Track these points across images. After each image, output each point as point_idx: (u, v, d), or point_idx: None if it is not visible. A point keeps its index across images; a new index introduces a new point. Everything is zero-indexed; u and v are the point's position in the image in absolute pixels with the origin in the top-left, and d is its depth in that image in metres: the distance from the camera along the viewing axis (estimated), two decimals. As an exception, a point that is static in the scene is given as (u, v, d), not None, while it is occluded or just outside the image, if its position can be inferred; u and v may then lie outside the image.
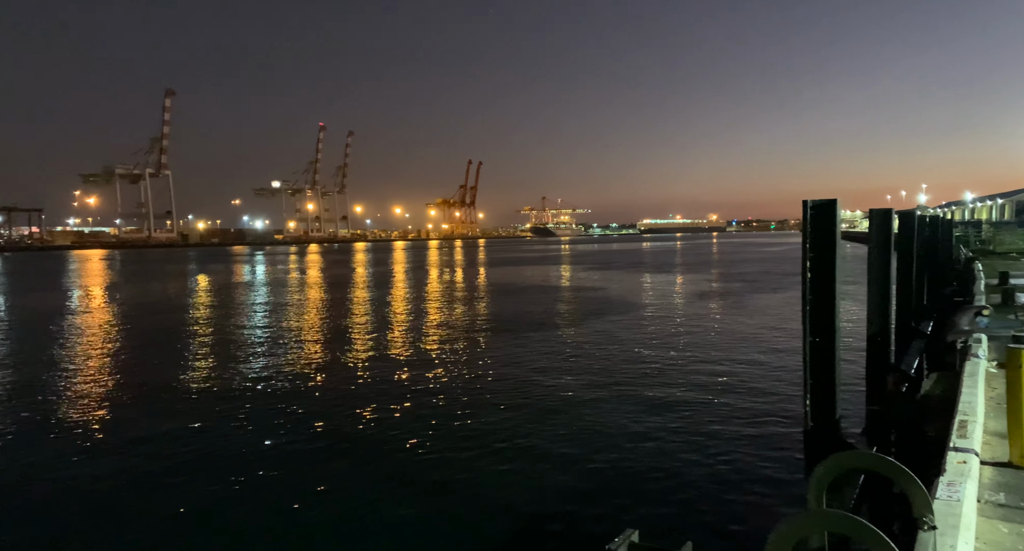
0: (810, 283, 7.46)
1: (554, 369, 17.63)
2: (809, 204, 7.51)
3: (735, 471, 9.97)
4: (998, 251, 37.84)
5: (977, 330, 10.90)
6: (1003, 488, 4.72)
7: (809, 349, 7.46)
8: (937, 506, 4.04)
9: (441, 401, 14.56)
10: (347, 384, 16.39)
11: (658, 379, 16.22)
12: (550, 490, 9.47)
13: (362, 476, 10.24)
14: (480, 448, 11.28)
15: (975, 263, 27.08)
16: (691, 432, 11.87)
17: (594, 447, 11.19)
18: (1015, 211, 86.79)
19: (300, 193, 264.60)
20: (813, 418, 7.53)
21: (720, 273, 55.32)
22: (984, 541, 3.95)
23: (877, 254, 11.74)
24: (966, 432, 5.70)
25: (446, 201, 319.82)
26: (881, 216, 12.23)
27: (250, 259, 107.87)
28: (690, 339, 22.11)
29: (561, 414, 13.28)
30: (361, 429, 12.63)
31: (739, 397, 14.28)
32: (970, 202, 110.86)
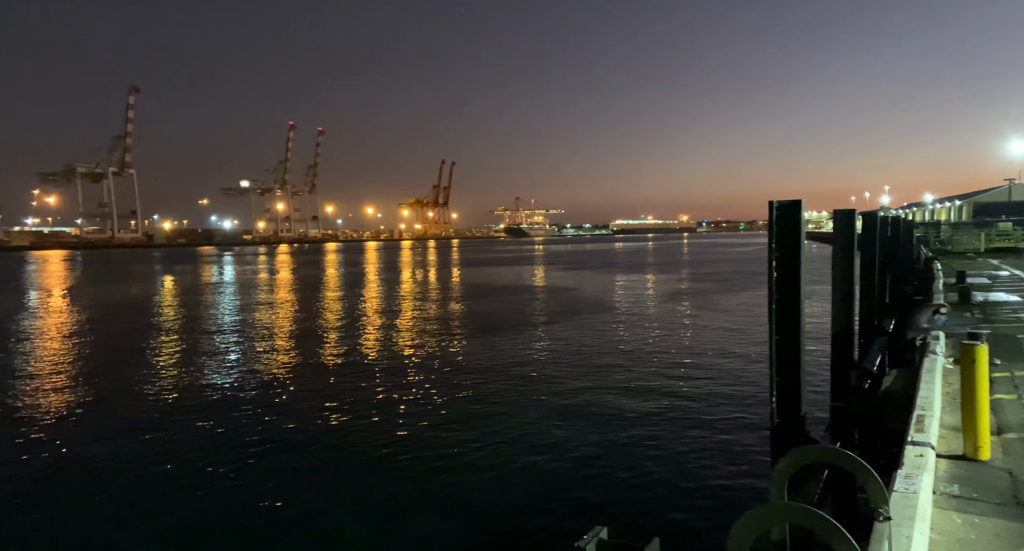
0: (776, 282, 7.62)
1: (526, 369, 17.67)
2: (775, 205, 7.66)
3: (703, 467, 10.12)
4: (956, 251, 39.06)
5: (935, 328, 11.22)
6: (957, 480, 4.88)
7: (775, 347, 7.61)
8: (895, 498, 4.16)
9: (413, 402, 14.49)
10: (317, 387, 16.20)
11: (629, 378, 16.38)
12: (521, 489, 9.50)
13: (333, 478, 10.13)
14: (450, 449, 11.26)
15: (934, 263, 27.90)
16: (661, 430, 12.01)
17: (564, 446, 11.26)
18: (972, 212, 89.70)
19: (270, 193, 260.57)
20: (779, 414, 7.68)
21: (691, 273, 56.06)
22: (939, 532, 4.08)
23: (841, 254, 12.03)
24: (923, 426, 5.87)
25: (419, 201, 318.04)
26: (845, 217, 12.53)
27: (218, 260, 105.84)
28: (661, 339, 22.36)
29: (532, 414, 13.32)
30: (332, 431, 12.49)
31: (708, 395, 14.50)
32: (930, 203, 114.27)
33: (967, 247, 39.88)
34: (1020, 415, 6.45)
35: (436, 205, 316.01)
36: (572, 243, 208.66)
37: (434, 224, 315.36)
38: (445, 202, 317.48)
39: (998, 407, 6.75)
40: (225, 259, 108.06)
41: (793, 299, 7.54)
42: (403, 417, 13.31)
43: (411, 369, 18.11)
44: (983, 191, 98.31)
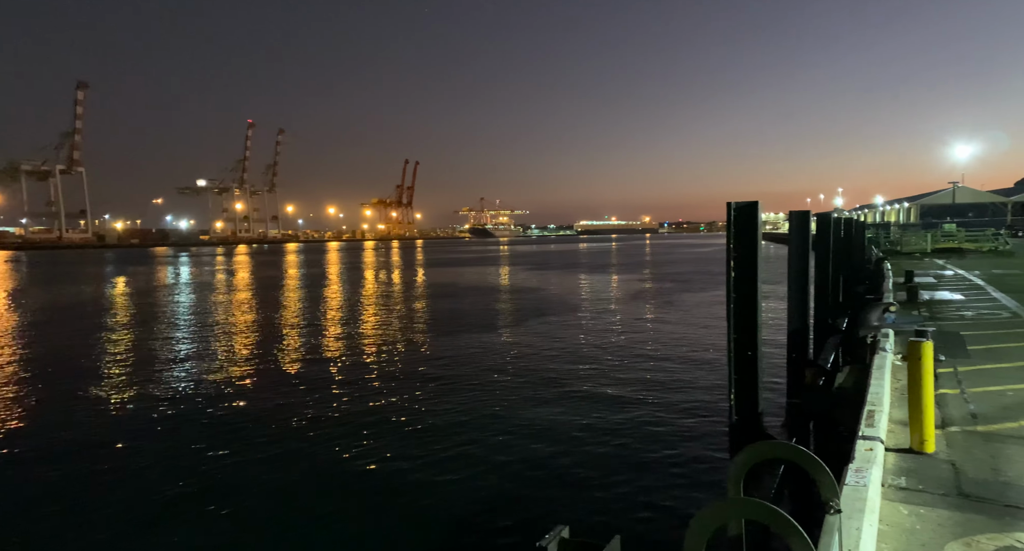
0: (734, 282, 7.78)
1: (489, 370, 17.66)
2: (733, 206, 7.82)
3: (664, 465, 10.28)
4: (905, 251, 40.58)
5: (885, 326, 11.62)
6: (904, 472, 5.06)
7: (733, 345, 7.77)
8: (846, 491, 4.30)
9: (374, 403, 14.33)
10: (276, 392, 15.87)
11: (591, 378, 16.52)
12: (483, 490, 9.49)
13: (293, 486, 9.94)
14: (412, 450, 11.18)
15: (884, 263, 28.93)
16: (622, 429, 12.15)
17: (526, 446, 11.29)
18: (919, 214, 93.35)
19: (228, 192, 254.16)
20: (737, 412, 7.84)
21: (653, 273, 56.87)
22: (887, 523, 4.22)
23: (796, 254, 12.36)
24: (873, 421, 6.08)
25: (382, 201, 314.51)
26: (799, 218, 12.88)
27: (174, 261, 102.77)
28: (623, 338, 22.62)
29: (493, 414, 13.31)
30: (292, 438, 12.25)
31: (669, 393, 14.73)
32: (880, 205, 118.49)
33: (915, 247, 41.46)
34: (962, 409, 6.73)
35: (400, 205, 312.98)
36: (537, 244, 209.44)
37: (398, 224, 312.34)
38: (409, 202, 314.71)
39: (943, 402, 7.03)
40: (181, 260, 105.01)
41: (750, 298, 7.72)
42: (364, 421, 13.15)
43: (373, 372, 17.90)
44: (929, 194, 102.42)
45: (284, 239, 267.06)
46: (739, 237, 7.75)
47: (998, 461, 5.23)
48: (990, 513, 4.28)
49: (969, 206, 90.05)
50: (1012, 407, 6.72)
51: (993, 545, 3.86)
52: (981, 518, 4.21)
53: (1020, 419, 6.30)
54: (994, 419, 6.34)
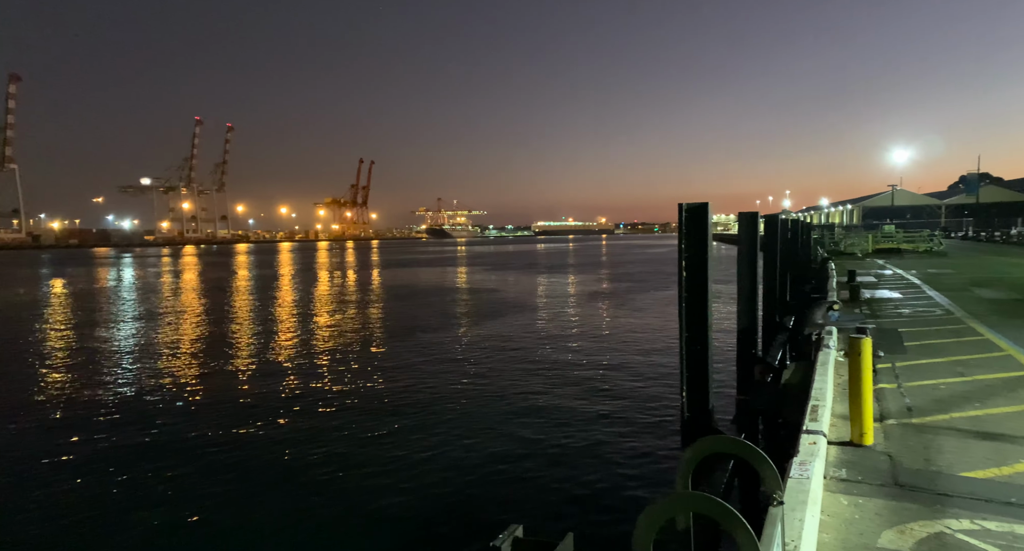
0: (685, 282, 7.93)
1: (446, 372, 17.57)
2: (684, 207, 7.98)
3: (617, 463, 10.42)
4: (848, 252, 42.22)
5: (829, 323, 12.06)
6: (845, 465, 5.26)
7: (685, 344, 7.93)
8: (790, 484, 4.43)
9: (328, 408, 14.07)
10: (226, 395, 15.42)
11: (546, 378, 16.62)
12: (437, 491, 9.44)
13: (247, 494, 9.67)
14: (367, 453, 11.04)
15: (829, 263, 30.00)
16: (577, 428, 12.27)
17: (482, 447, 11.29)
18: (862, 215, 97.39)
19: (174, 191, 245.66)
20: (688, 409, 8.00)
21: (609, 274, 57.62)
22: (828, 513, 4.38)
23: (745, 254, 12.69)
24: (817, 416, 6.29)
25: (336, 201, 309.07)
26: (748, 219, 13.23)
27: (116, 262, 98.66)
28: (579, 338, 22.84)
29: (449, 416, 13.26)
30: (243, 445, 11.92)
31: (623, 392, 14.94)
32: (826, 207, 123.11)
33: (857, 248, 43.18)
34: (899, 403, 7.03)
35: (354, 205, 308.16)
36: (495, 244, 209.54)
37: (352, 224, 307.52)
38: (364, 202, 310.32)
39: (881, 396, 7.33)
40: (124, 261, 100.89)
41: (701, 298, 7.88)
42: (318, 423, 12.90)
43: (326, 375, 17.58)
44: (871, 196, 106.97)
45: (234, 239, 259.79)
46: (690, 237, 7.90)
47: (930, 452, 5.48)
48: (923, 501, 4.49)
49: (907, 208, 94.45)
50: (944, 400, 7.06)
51: (925, 532, 4.04)
52: (915, 506, 4.41)
53: (951, 411, 6.63)
54: (927, 412, 6.65)
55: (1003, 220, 75.35)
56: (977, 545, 3.86)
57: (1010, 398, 7.05)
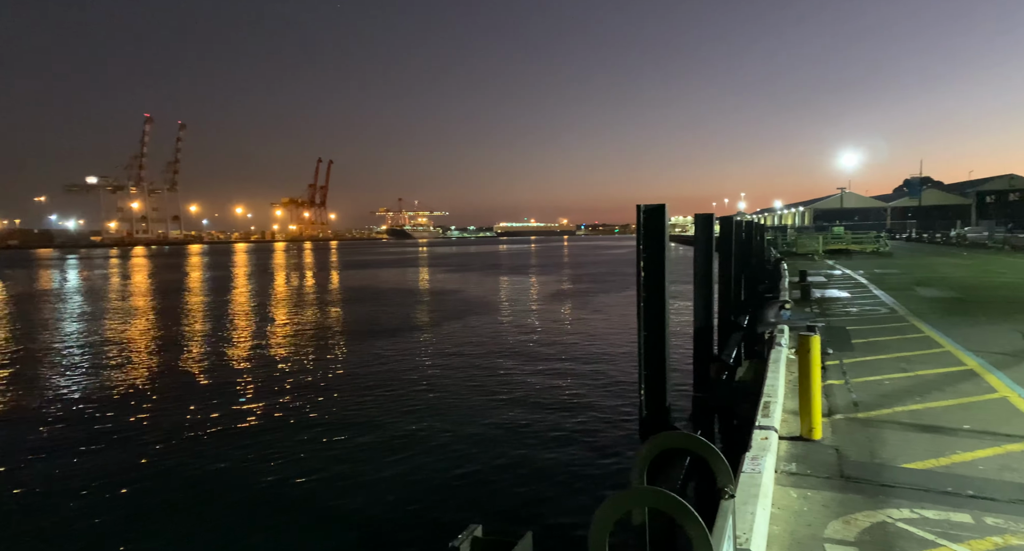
0: (644, 282, 8.07)
1: (404, 374, 17.44)
2: (642, 208, 8.11)
3: (577, 461, 10.51)
4: (800, 252, 43.58)
5: (781, 322, 12.42)
6: (795, 459, 5.44)
7: (643, 343, 8.06)
8: (742, 478, 4.56)
9: (281, 413, 13.80)
10: (178, 400, 14.96)
11: (507, 378, 16.66)
12: (397, 493, 9.37)
13: (198, 505, 9.40)
14: (325, 456, 10.87)
15: (782, 263, 30.92)
16: (537, 427, 12.33)
17: (441, 448, 11.24)
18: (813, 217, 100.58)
19: (123, 190, 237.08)
20: (647, 406, 8.13)
21: (570, 274, 58.05)
22: (779, 506, 4.52)
23: (701, 255, 12.97)
24: (768, 411, 6.49)
25: (293, 200, 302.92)
26: (704, 221, 13.54)
27: (59, 263, 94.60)
28: (540, 339, 22.96)
29: (408, 418, 13.16)
30: (194, 451, 11.59)
31: (583, 391, 15.09)
32: (779, 209, 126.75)
33: (809, 249, 44.62)
34: (846, 398, 7.30)
35: (312, 205, 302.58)
36: (457, 245, 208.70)
37: (311, 225, 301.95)
38: (322, 202, 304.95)
39: (830, 392, 7.60)
40: (68, 263, 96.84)
41: (659, 297, 8.02)
42: (274, 426, 12.64)
43: (281, 380, 17.23)
44: (821, 198, 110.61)
45: (187, 240, 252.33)
46: (648, 238, 8.04)
47: (874, 444, 5.71)
48: (866, 492, 4.67)
49: (856, 210, 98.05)
50: (888, 395, 7.36)
51: (868, 521, 4.21)
52: (859, 497, 4.59)
53: (894, 406, 6.92)
54: (872, 406, 6.92)
55: (943, 222, 79.00)
56: (915, 532, 4.04)
57: (948, 392, 7.39)
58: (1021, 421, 6.28)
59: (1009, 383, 7.69)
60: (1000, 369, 8.42)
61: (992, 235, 53.41)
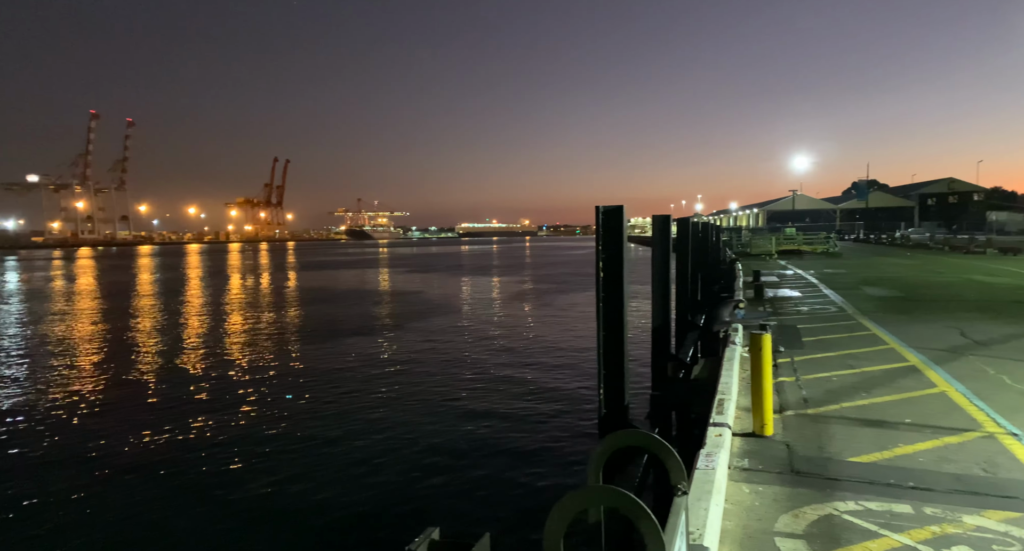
0: (603, 282, 8.15)
1: (364, 376, 17.22)
2: (601, 209, 8.19)
3: (537, 461, 10.56)
4: (754, 253, 44.73)
5: (735, 321, 12.73)
6: (747, 455, 5.57)
7: (602, 342, 8.15)
8: (697, 475, 4.65)
9: (236, 416, 13.46)
10: (128, 404, 14.43)
11: (467, 379, 16.63)
12: (353, 497, 9.25)
13: (150, 499, 9.09)
14: (278, 460, 10.65)
15: (736, 264, 31.68)
16: (498, 428, 12.34)
17: (399, 451, 11.15)
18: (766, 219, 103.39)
19: (67, 189, 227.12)
20: (606, 405, 8.21)
21: (532, 275, 58.28)
22: (731, 502, 4.62)
23: (659, 255, 13.19)
24: (722, 409, 6.63)
25: (249, 200, 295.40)
26: (661, 222, 13.76)
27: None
28: (502, 339, 22.98)
29: (365, 420, 13.02)
30: (146, 456, 11.20)
31: (543, 391, 15.16)
32: (734, 211, 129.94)
33: (762, 249, 45.83)
34: (797, 395, 7.52)
35: (269, 205, 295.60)
36: (418, 246, 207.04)
37: (267, 225, 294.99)
38: (279, 202, 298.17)
39: (781, 389, 7.82)
40: (7, 264, 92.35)
41: (617, 298, 8.11)
42: (228, 429, 12.31)
43: (233, 384, 16.81)
44: (775, 200, 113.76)
45: (136, 241, 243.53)
46: (606, 239, 8.11)
47: (823, 439, 5.90)
48: (815, 486, 4.82)
49: (807, 212, 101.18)
50: (835, 391, 7.62)
51: (816, 514, 4.35)
52: (808, 491, 4.73)
53: (841, 402, 7.16)
54: (821, 402, 7.15)
55: (889, 223, 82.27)
56: (859, 524, 4.19)
57: (891, 387, 7.69)
58: (958, 414, 6.58)
59: (947, 378, 8.05)
60: (939, 365, 8.81)
61: (933, 236, 55.90)
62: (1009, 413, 6.54)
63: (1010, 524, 4.14)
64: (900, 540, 3.95)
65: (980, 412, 6.61)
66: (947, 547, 3.86)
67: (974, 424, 6.24)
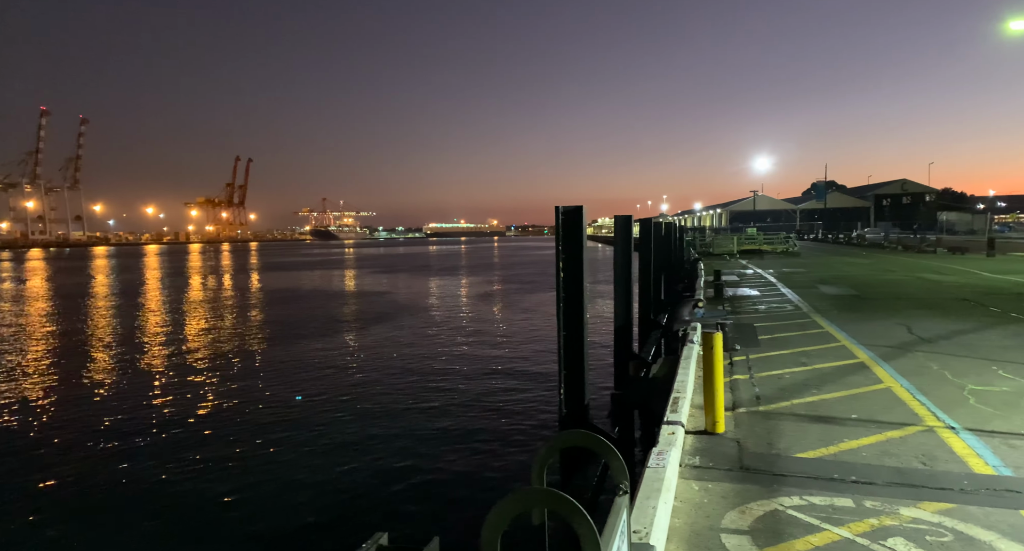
0: (563, 282, 8.18)
1: (323, 378, 16.98)
2: (560, 210, 8.22)
3: (494, 464, 10.53)
4: (716, 253, 45.58)
5: (694, 320, 12.92)
6: (699, 452, 5.66)
7: (562, 342, 8.18)
8: (647, 473, 4.70)
9: (187, 420, 13.12)
10: (84, 409, 13.94)
11: (431, 380, 16.53)
12: (303, 501, 9.14)
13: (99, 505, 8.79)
14: (225, 466, 10.44)
15: (699, 263, 32.20)
16: (457, 430, 12.30)
17: (357, 453, 11.04)
18: (730, 219, 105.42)
19: (15, 188, 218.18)
20: (566, 405, 8.25)
21: (499, 275, 58.29)
22: (681, 499, 4.69)
23: (621, 255, 13.31)
24: (677, 407, 6.72)
25: (210, 200, 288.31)
26: (623, 222, 13.90)
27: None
28: (466, 339, 22.91)
29: (324, 422, 12.86)
30: (100, 461, 10.84)
31: (504, 391, 15.17)
32: (699, 211, 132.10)
33: (724, 249, 46.74)
34: (750, 392, 7.67)
35: (231, 205, 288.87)
36: (385, 246, 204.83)
37: (229, 225, 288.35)
38: (241, 202, 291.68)
39: (735, 386, 7.96)
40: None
41: (577, 298, 8.15)
42: (177, 433, 11.99)
43: (187, 388, 16.39)
44: (737, 201, 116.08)
45: (91, 242, 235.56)
46: (566, 239, 8.16)
47: (772, 436, 6.03)
48: (762, 482, 4.92)
49: (768, 212, 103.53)
50: (787, 388, 7.79)
51: (762, 510, 4.43)
52: (756, 488, 4.83)
53: (792, 398, 7.33)
54: (773, 399, 7.30)
55: (847, 223, 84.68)
56: (803, 519, 4.29)
57: (840, 384, 7.91)
58: (901, 409, 6.80)
59: (893, 374, 8.32)
60: (886, 361, 9.10)
61: (887, 236, 57.73)
62: (949, 407, 6.79)
63: (943, 515, 4.29)
64: (840, 533, 4.06)
65: (922, 407, 6.85)
66: (884, 539, 3.98)
67: (916, 419, 6.46)
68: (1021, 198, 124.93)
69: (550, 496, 2.42)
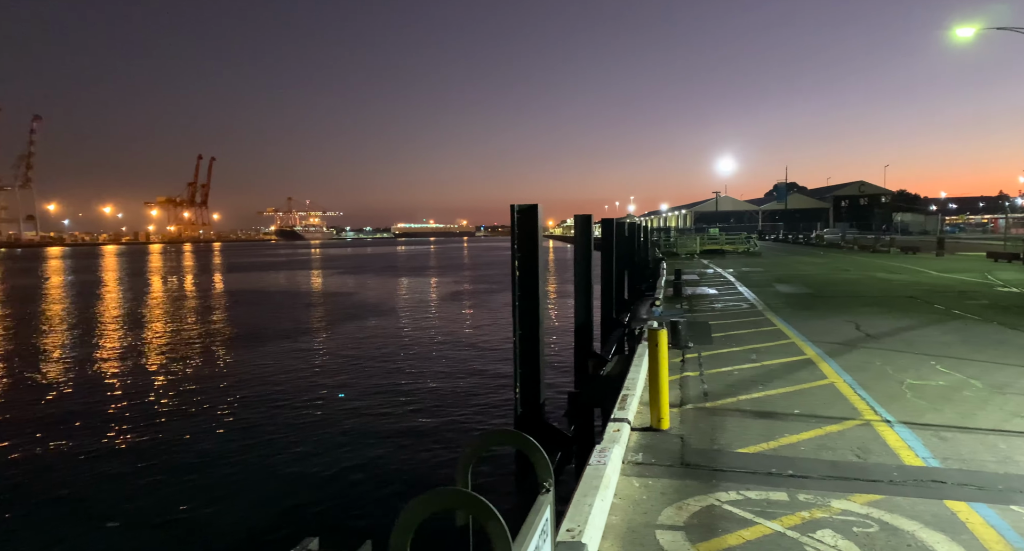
0: (518, 281, 8.16)
1: (275, 381, 16.69)
2: (516, 208, 8.20)
3: (443, 465, 10.45)
4: (680, 253, 46.22)
5: (652, 318, 13.05)
6: (642, 449, 5.69)
7: (518, 342, 8.16)
8: (588, 470, 4.70)
9: (129, 423, 12.75)
10: (34, 413, 13.42)
11: (390, 381, 16.40)
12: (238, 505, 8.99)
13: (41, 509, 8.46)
14: (154, 472, 10.19)
15: (662, 263, 32.60)
16: (410, 431, 12.22)
17: (304, 457, 10.89)
18: (694, 220, 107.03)
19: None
20: (522, 404, 8.23)
21: (469, 275, 58.11)
22: (621, 496, 4.70)
23: (581, 254, 13.38)
24: (625, 404, 6.76)
25: (171, 199, 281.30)
26: (583, 221, 13.97)
27: None
28: (429, 340, 22.77)
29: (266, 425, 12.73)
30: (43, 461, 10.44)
31: (460, 392, 15.14)
32: (665, 212, 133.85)
33: (688, 249, 47.42)
34: (698, 389, 7.76)
35: (193, 204, 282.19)
36: (352, 246, 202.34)
37: (191, 225, 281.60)
38: (203, 201, 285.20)
39: (684, 383, 8.05)
40: None
41: (532, 297, 8.14)
42: (108, 442, 11.64)
43: (136, 392, 15.93)
44: (702, 202, 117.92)
45: (44, 242, 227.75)
46: (522, 238, 8.14)
47: (716, 432, 6.11)
48: (701, 478, 4.97)
49: (731, 213, 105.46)
50: (735, 385, 7.91)
51: (698, 506, 4.48)
52: (695, 483, 4.87)
53: (739, 395, 7.44)
54: (720, 396, 7.40)
55: (807, 224, 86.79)
56: (737, 513, 4.34)
57: (786, 380, 8.06)
58: (842, 404, 6.96)
59: (838, 370, 8.52)
60: (833, 357, 9.31)
61: (844, 236, 59.33)
62: (887, 401, 6.97)
63: (871, 506, 4.39)
64: (771, 527, 4.12)
65: (862, 401, 7.02)
66: (813, 531, 4.05)
67: (855, 413, 6.62)
68: (970, 199, 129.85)
69: (459, 496, 2.40)
